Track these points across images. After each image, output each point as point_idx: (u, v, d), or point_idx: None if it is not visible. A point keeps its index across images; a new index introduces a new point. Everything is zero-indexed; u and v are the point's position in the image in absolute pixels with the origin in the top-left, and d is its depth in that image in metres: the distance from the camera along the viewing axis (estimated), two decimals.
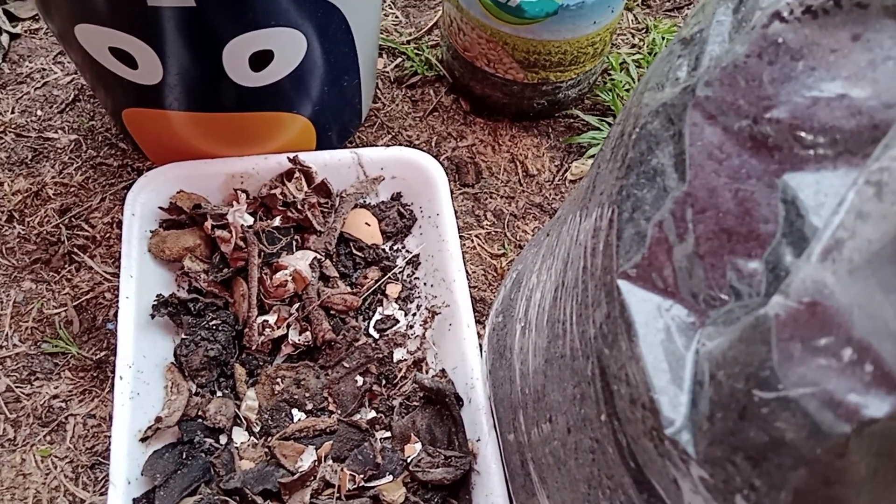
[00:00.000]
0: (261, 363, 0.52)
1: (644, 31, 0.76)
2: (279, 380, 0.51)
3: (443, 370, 0.53)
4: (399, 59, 0.72)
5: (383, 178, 0.60)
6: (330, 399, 0.51)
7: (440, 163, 0.67)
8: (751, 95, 0.25)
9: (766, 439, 0.20)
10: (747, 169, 0.25)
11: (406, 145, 0.67)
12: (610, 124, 0.68)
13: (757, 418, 0.20)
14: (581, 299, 0.30)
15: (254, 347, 0.52)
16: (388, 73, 0.72)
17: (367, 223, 0.59)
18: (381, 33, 0.74)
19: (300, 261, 0.54)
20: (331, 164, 0.59)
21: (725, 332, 0.23)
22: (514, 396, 0.41)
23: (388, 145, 0.66)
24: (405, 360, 0.54)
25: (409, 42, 0.74)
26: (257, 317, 0.52)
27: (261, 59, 0.51)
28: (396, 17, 0.76)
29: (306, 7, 0.50)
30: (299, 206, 0.56)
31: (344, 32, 0.54)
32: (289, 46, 0.51)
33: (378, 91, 0.70)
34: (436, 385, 0.48)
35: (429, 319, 0.55)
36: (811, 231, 0.23)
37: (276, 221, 0.56)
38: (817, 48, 0.24)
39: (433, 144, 0.67)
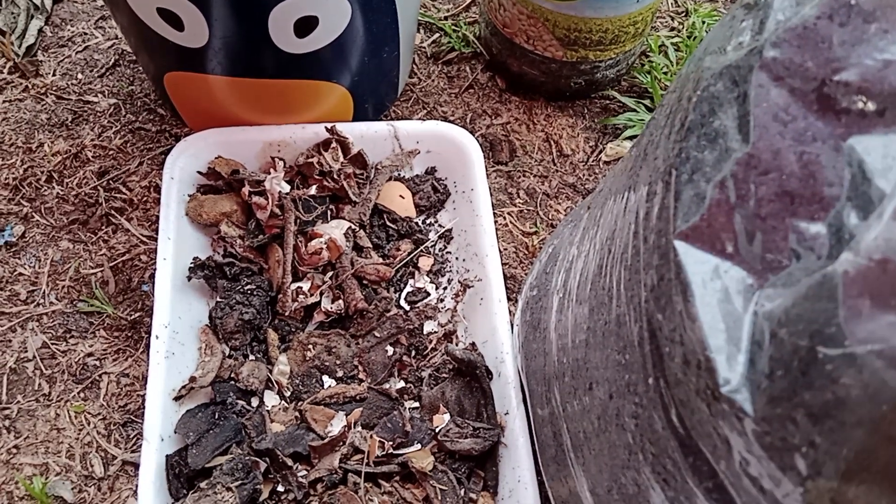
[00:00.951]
0: (293, 329, 0.52)
1: (684, 14, 0.75)
2: (311, 346, 0.51)
3: (473, 344, 0.53)
4: (437, 35, 0.72)
5: (419, 152, 0.60)
6: (360, 367, 0.52)
7: (475, 139, 0.67)
8: (820, 57, 0.25)
9: (829, 397, 0.20)
10: (813, 131, 0.24)
11: (440, 119, 0.67)
12: (647, 107, 0.68)
13: (821, 375, 0.20)
14: (631, 264, 0.29)
15: (287, 313, 0.52)
16: (424, 48, 0.71)
17: (401, 196, 0.59)
18: (420, 8, 0.73)
19: (335, 230, 0.54)
20: (367, 135, 0.59)
21: (786, 294, 0.22)
22: (549, 368, 0.40)
23: (424, 120, 0.66)
24: (435, 332, 0.54)
25: (446, 18, 0.73)
26: (291, 283, 0.52)
27: (305, 26, 0.51)
28: None
29: None
30: (335, 176, 0.56)
31: (387, 2, 0.54)
32: (334, 13, 0.51)
33: (414, 66, 0.70)
34: (467, 357, 0.48)
35: (460, 293, 0.55)
36: (877, 194, 0.23)
37: (312, 190, 0.56)
38: (891, 10, 0.24)
39: (468, 121, 0.67)
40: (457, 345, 0.53)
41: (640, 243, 0.28)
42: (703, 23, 0.73)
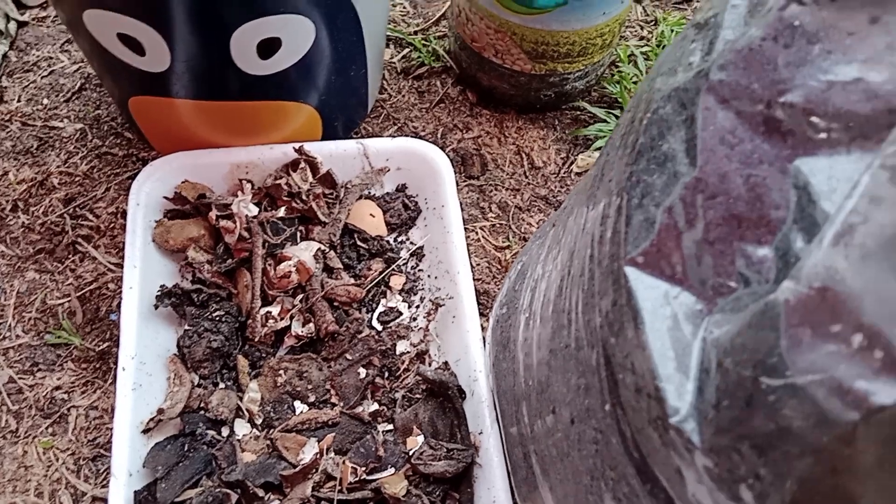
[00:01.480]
0: (264, 355, 0.52)
1: (653, 23, 0.75)
2: (282, 372, 0.51)
3: (445, 363, 0.52)
4: (406, 50, 0.72)
5: (388, 170, 0.60)
6: (332, 391, 0.51)
7: (446, 154, 0.66)
8: (765, 79, 0.24)
9: (773, 427, 0.20)
10: (759, 154, 0.24)
11: (412, 136, 0.66)
12: (617, 117, 0.68)
13: (764, 406, 0.20)
14: (587, 287, 0.29)
15: (257, 339, 0.51)
16: (394, 63, 0.71)
17: (371, 214, 0.58)
18: (389, 24, 0.73)
19: (304, 252, 0.53)
20: (336, 154, 0.59)
21: (733, 319, 0.22)
22: (518, 388, 0.40)
23: (394, 136, 0.66)
24: (408, 352, 0.53)
25: (416, 33, 0.73)
26: (261, 308, 0.52)
27: (268, 47, 0.50)
28: (404, 7, 0.75)
29: None
30: (304, 197, 0.56)
31: (352, 21, 0.54)
32: (297, 34, 0.51)
33: (384, 82, 0.70)
34: (439, 377, 0.48)
35: (432, 311, 0.54)
36: (822, 217, 0.23)
37: (281, 212, 0.55)
38: (834, 31, 0.24)
39: (439, 136, 0.67)
40: (430, 364, 0.53)
41: (595, 267, 0.28)
42: (672, 31, 0.73)
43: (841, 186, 0.23)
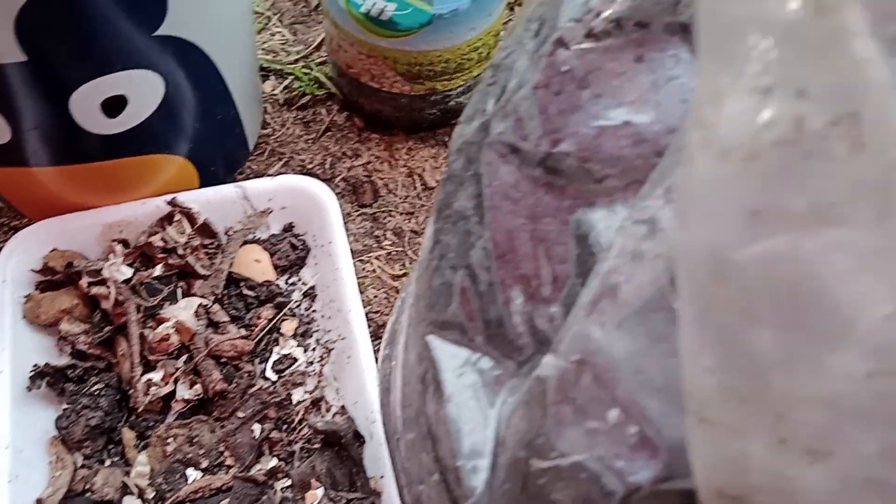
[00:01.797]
0: (152, 424, 0.50)
1: None
2: (171, 439, 0.49)
3: (343, 406, 0.51)
4: (288, 80, 0.70)
5: (271, 210, 0.58)
6: (227, 453, 0.49)
7: (336, 184, 0.65)
8: (541, 129, 0.23)
9: None
10: (542, 207, 0.23)
11: (299, 170, 0.65)
12: None
13: (536, 490, 0.19)
14: (411, 347, 0.28)
15: (141, 408, 0.49)
16: (276, 95, 0.69)
17: (257, 260, 0.56)
18: (268, 54, 0.71)
19: (183, 310, 0.51)
20: (214, 201, 0.57)
21: (520, 390, 0.21)
22: (391, 440, 0.39)
23: (281, 172, 0.64)
24: (304, 400, 0.52)
25: (297, 61, 0.71)
26: (142, 375, 0.50)
27: (114, 105, 0.48)
28: (283, 35, 0.74)
29: (156, 48, 0.47)
30: (180, 252, 0.53)
31: (207, 66, 0.52)
32: (143, 89, 0.49)
33: (267, 116, 0.68)
34: (329, 427, 0.47)
35: (325, 354, 0.53)
36: None
37: (157, 270, 0.53)
38: (602, 74, 0.23)
39: (328, 166, 0.65)
40: (328, 409, 0.51)
41: (412, 330, 0.27)
42: None
43: None
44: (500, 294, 0.23)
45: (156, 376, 0.50)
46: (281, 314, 0.55)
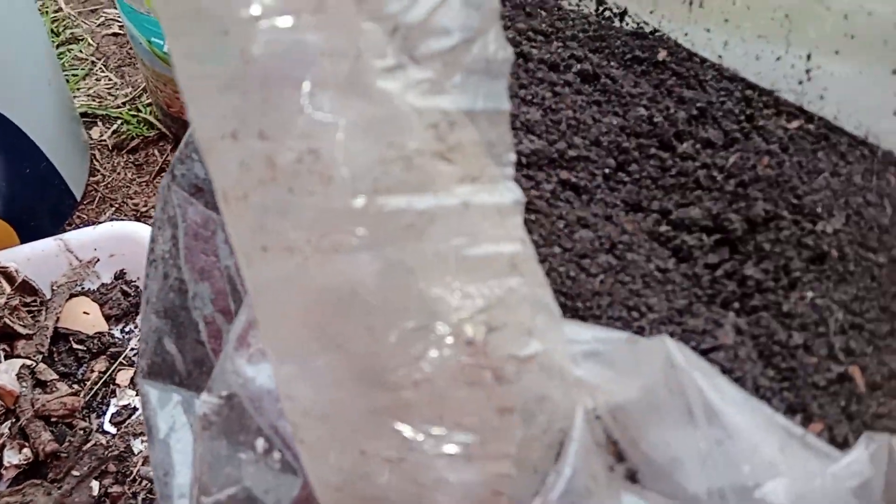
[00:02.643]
0: None
1: None
2: None
3: None
4: (116, 124, 0.69)
5: (98, 260, 0.57)
6: None
7: None
8: None
9: None
10: (229, 245, 0.24)
11: (133, 214, 0.64)
12: None
13: None
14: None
15: None
16: (105, 141, 0.68)
17: (85, 312, 0.55)
18: (93, 100, 0.70)
19: (3, 374, 0.50)
20: (35, 257, 0.55)
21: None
22: None
23: (114, 218, 0.63)
24: (142, 450, 0.51)
25: (124, 104, 0.70)
26: None
27: None
28: (110, 79, 0.72)
29: None
30: None
31: (5, 126, 0.51)
32: None
33: (96, 162, 0.66)
34: None
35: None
36: None
37: None
38: None
39: None
40: None
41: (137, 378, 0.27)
42: None
43: None
44: (202, 333, 0.24)
45: None
46: (115, 365, 0.54)
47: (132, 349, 0.55)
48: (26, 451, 0.48)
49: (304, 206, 0.14)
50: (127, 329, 0.56)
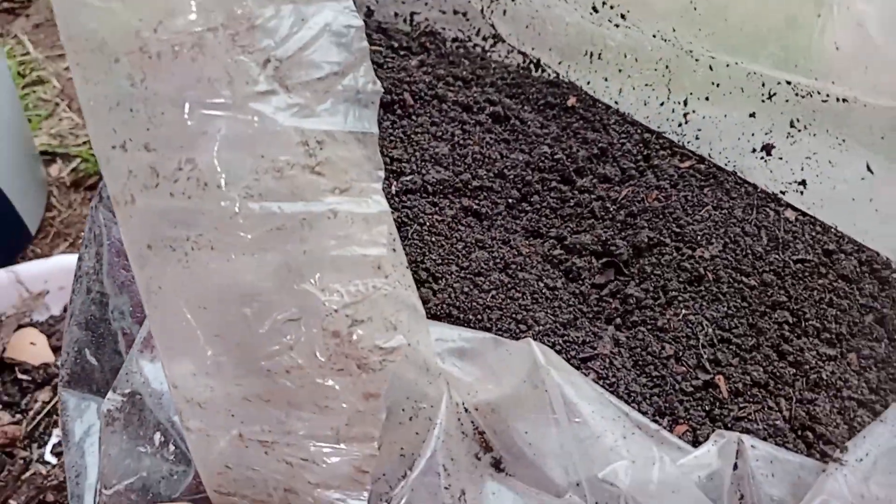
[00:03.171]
0: None
1: None
2: None
3: None
4: (75, 163, 0.71)
5: (48, 292, 0.58)
6: None
7: None
8: None
9: None
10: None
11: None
12: None
13: None
14: None
15: None
16: (63, 178, 0.69)
17: (32, 343, 0.56)
18: (54, 139, 0.72)
19: None
20: None
21: None
22: None
23: (67, 252, 0.64)
24: None
25: (85, 143, 0.72)
26: None
27: None
28: (73, 119, 0.74)
29: None
30: None
31: None
32: None
33: (54, 199, 0.68)
34: None
35: None
36: None
37: None
38: None
39: None
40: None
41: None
42: None
43: None
44: (120, 343, 0.26)
45: None
46: (57, 396, 0.54)
47: None
48: None
49: (183, 209, 0.16)
50: None
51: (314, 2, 0.16)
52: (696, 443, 0.24)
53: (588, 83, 0.34)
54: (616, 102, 0.33)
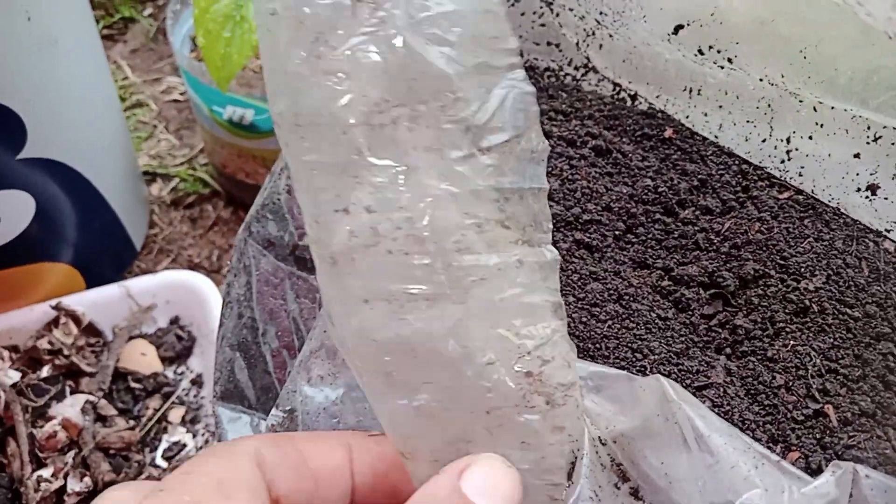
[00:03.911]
0: None
1: None
2: None
3: None
4: (174, 182, 0.75)
5: (156, 306, 0.62)
6: None
7: (223, 275, 0.69)
8: (288, 226, 0.29)
9: None
10: (296, 289, 0.28)
11: (187, 264, 0.69)
12: None
13: None
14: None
15: None
16: (163, 197, 0.74)
17: (143, 353, 0.60)
18: (154, 159, 0.77)
19: (69, 408, 0.54)
20: (100, 301, 0.61)
21: None
22: None
23: (169, 268, 0.68)
24: None
25: (182, 164, 0.77)
26: (32, 473, 0.52)
27: None
28: (170, 141, 0.79)
29: (21, 169, 0.52)
30: (66, 352, 0.57)
31: (78, 181, 0.57)
32: (13, 206, 0.53)
33: (155, 217, 0.72)
34: None
35: (210, 438, 0.56)
36: None
37: (45, 371, 0.56)
38: None
39: (214, 259, 0.70)
40: None
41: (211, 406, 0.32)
42: None
43: None
44: (269, 364, 0.28)
45: (46, 472, 0.52)
46: (168, 403, 0.58)
47: (184, 389, 0.60)
48: (87, 479, 0.53)
49: (400, 264, 0.18)
50: (179, 370, 0.61)
51: (490, 72, 0.18)
52: (808, 469, 0.25)
53: (687, 117, 0.35)
54: (716, 137, 0.34)
